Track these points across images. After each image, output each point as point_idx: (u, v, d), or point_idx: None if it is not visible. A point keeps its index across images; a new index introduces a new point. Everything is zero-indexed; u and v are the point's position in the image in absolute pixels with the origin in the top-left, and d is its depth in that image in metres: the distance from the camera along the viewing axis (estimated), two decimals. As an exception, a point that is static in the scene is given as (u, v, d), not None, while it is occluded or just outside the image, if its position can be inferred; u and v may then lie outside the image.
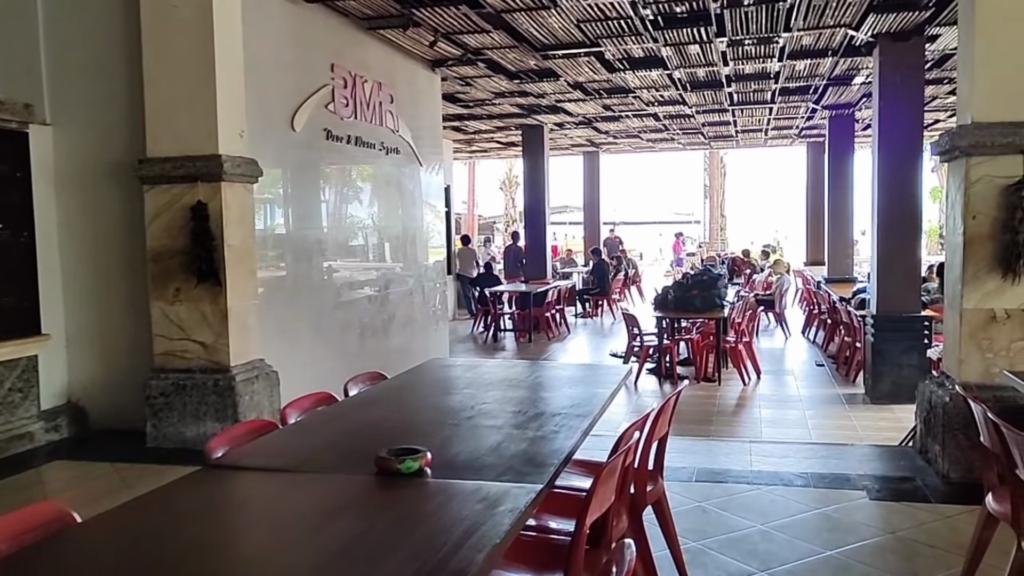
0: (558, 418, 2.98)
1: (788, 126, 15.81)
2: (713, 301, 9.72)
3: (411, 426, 3.05)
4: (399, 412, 3.30)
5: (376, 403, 3.44)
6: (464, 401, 3.38)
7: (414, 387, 3.79)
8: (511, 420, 2.97)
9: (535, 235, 14.84)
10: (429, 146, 9.32)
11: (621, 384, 3.86)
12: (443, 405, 3.45)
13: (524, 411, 3.12)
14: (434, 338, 9.41)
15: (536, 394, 3.51)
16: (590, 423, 2.93)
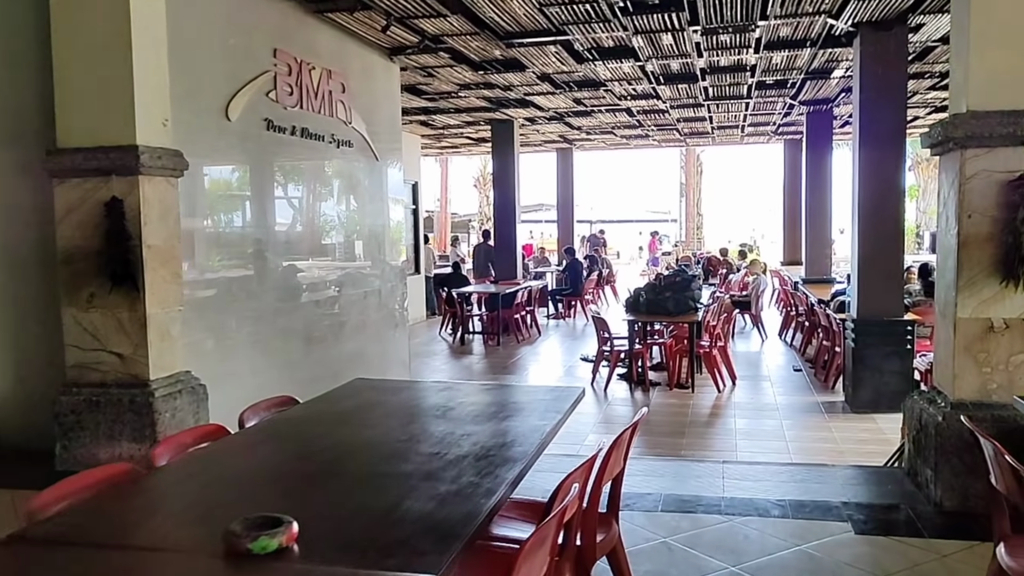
0: (484, 462, 2.47)
1: (765, 122, 15.43)
2: (686, 303, 9.27)
3: (295, 476, 2.50)
4: (286, 455, 2.76)
5: (264, 442, 2.90)
6: (374, 437, 2.86)
7: (320, 418, 3.25)
8: (424, 465, 2.45)
9: (505, 234, 14.34)
10: (387, 140, 8.78)
11: (571, 410, 3.35)
12: (346, 444, 2.89)
13: (443, 452, 2.60)
14: (392, 343, 8.87)
15: (464, 427, 2.99)
16: (524, 467, 2.43)
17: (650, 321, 9.44)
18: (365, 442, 2.80)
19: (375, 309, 8.50)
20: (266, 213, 6.68)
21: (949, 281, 4.17)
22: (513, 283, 13.86)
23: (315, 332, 7.27)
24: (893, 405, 7.66)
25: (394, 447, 2.67)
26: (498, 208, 14.38)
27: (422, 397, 3.61)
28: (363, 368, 8.11)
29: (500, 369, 10.75)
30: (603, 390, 8.97)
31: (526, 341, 12.92)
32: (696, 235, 30.01)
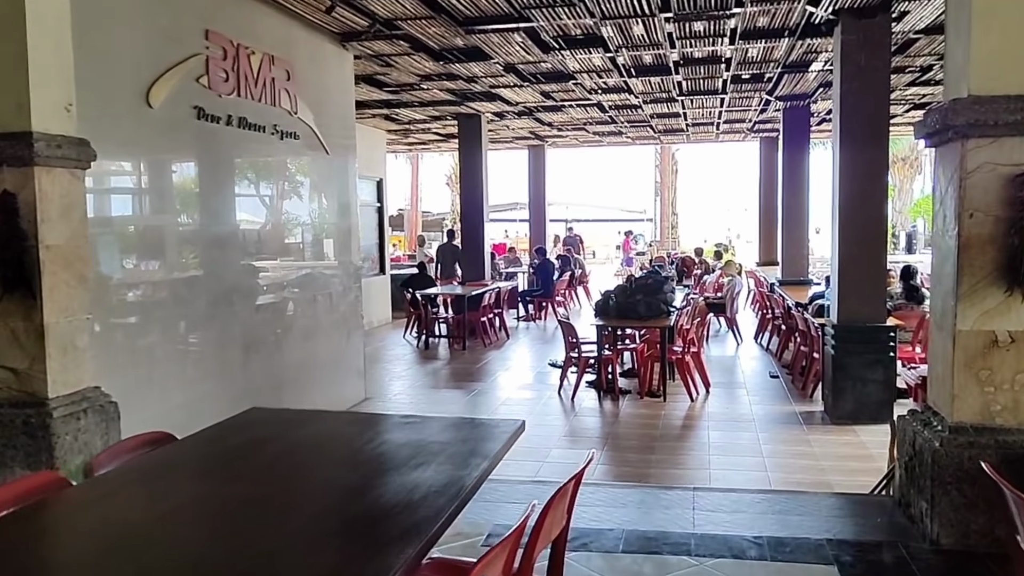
0: (368, 540, 1.90)
1: (741, 119, 15.01)
2: (658, 307, 8.79)
3: (90, 568, 1.91)
4: (97, 533, 2.15)
5: (89, 505, 2.30)
6: (234, 495, 2.27)
7: (179, 465, 2.66)
8: (285, 545, 1.88)
9: (472, 234, 13.80)
10: (340, 133, 8.21)
11: (506, 450, 2.80)
12: (189, 507, 2.27)
13: (321, 518, 2.03)
14: (346, 349, 8.30)
15: (362, 477, 2.38)
16: (423, 545, 1.86)
17: (620, 326, 8.95)
18: (220, 503, 2.21)
19: (326, 313, 7.93)
20: (197, 209, 6.09)
21: (947, 289, 3.70)
22: (481, 284, 13.33)
23: (256, 339, 6.69)
24: (875, 416, 7.24)
25: (253, 511, 2.09)
26: (465, 206, 13.84)
27: (324, 434, 3.05)
28: (312, 377, 7.55)
29: (464, 376, 10.21)
30: (570, 399, 8.47)
31: (493, 345, 12.39)
32: (671, 235, 29.63)
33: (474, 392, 9.08)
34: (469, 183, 13.70)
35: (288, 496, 2.20)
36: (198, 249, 6.05)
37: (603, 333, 8.57)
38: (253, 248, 6.84)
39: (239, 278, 6.50)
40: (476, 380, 9.83)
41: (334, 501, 2.18)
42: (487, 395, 8.91)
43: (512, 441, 2.83)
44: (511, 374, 10.17)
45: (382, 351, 12.09)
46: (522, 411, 8.05)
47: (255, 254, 6.85)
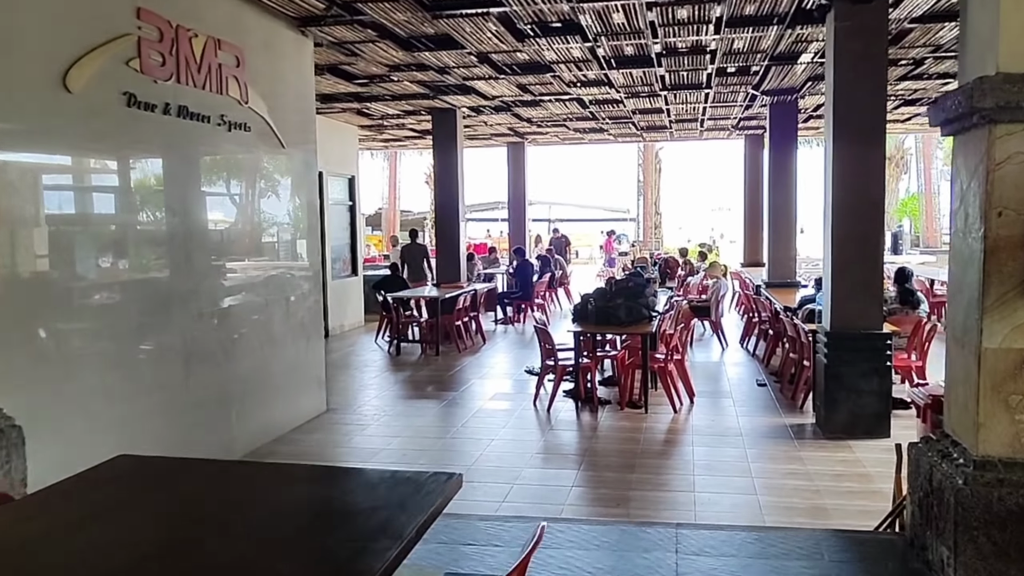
0: None
1: (726, 116, 14.54)
2: (640, 312, 8.28)
3: None
4: None
5: None
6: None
7: None
8: None
9: (448, 234, 13.24)
10: (298, 126, 7.63)
11: (429, 522, 2.20)
12: None
13: None
14: (305, 358, 7.73)
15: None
16: None
17: (599, 332, 8.43)
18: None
19: (283, 319, 7.35)
20: (129, 206, 5.50)
21: (970, 299, 3.19)
22: (456, 286, 12.77)
23: (200, 349, 6.11)
24: (871, 430, 6.76)
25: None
26: (441, 205, 13.27)
27: (193, 492, 2.46)
28: (266, 389, 6.97)
29: (436, 383, 9.65)
30: (546, 410, 7.93)
31: (469, 350, 11.84)
32: (655, 234, 29.15)
33: (445, 402, 8.53)
34: (444, 180, 13.14)
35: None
36: (130, 250, 5.47)
37: (581, 340, 8.04)
38: (196, 249, 6.25)
39: (179, 282, 5.91)
40: (448, 388, 9.28)
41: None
42: (458, 406, 8.36)
43: (443, 505, 2.24)
44: (486, 382, 9.63)
45: (351, 357, 11.51)
46: (495, 423, 7.51)
47: (199, 256, 6.26)
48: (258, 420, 6.86)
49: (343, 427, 7.52)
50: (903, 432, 6.83)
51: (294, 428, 7.37)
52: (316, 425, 7.54)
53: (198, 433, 6.01)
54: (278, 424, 7.17)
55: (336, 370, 10.48)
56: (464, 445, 6.84)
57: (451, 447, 6.80)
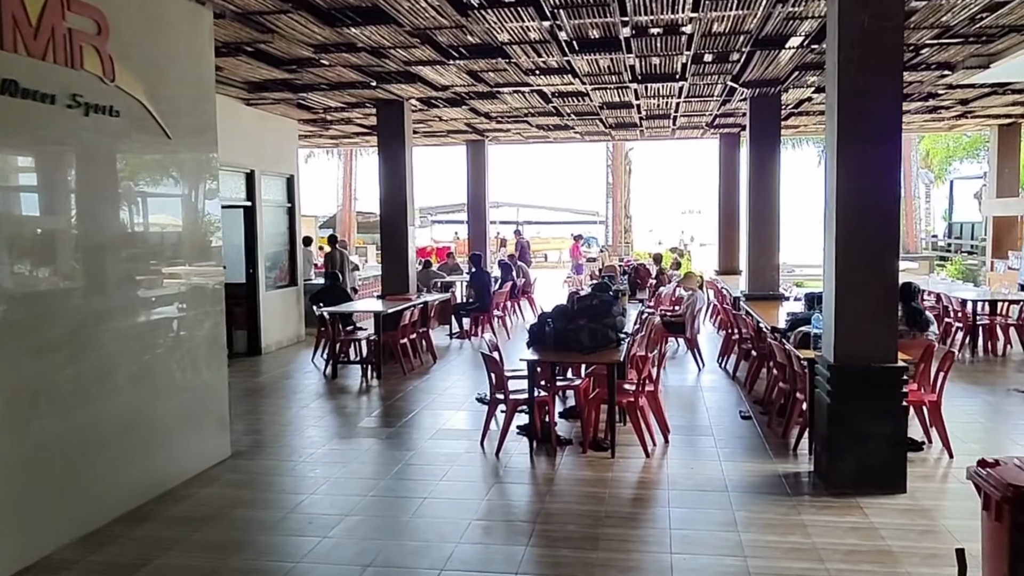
0: None
1: (701, 112, 13.39)
2: (605, 335, 7.04)
3: None
4: None
5: None
6: None
7: None
8: None
9: (395, 240, 11.91)
10: (190, 112, 6.31)
11: None
12: None
13: None
14: (199, 394, 6.37)
15: None
16: None
17: (558, 362, 7.19)
18: None
19: (167, 346, 6.00)
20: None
21: None
22: (403, 298, 11.46)
23: (48, 389, 4.76)
24: (884, 483, 5.58)
25: None
26: (386, 207, 11.94)
27: None
28: (145, 434, 5.62)
29: (372, 414, 8.35)
30: (495, 453, 6.67)
31: (416, 371, 10.54)
32: (624, 239, 28.00)
33: (379, 441, 7.23)
34: (391, 179, 11.81)
35: None
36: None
37: (535, 371, 6.77)
38: (42, 263, 4.90)
39: (13, 307, 4.55)
40: (386, 422, 7.98)
41: None
42: (395, 446, 7.06)
43: None
44: (431, 412, 8.33)
45: (280, 381, 10.15)
46: (433, 472, 6.23)
47: (45, 272, 4.90)
48: (134, 474, 5.52)
49: (247, 478, 6.19)
50: (921, 485, 5.68)
51: (185, 481, 6.03)
52: (213, 476, 6.19)
53: (42, 496, 4.67)
54: (163, 478, 5.83)
55: (258, 398, 9.13)
56: (390, 507, 5.54)
57: (373, 510, 5.49)
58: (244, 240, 11.92)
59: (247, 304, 11.99)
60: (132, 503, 5.46)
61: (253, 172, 11.87)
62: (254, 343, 12.00)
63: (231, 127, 11.38)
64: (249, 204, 11.86)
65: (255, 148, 11.94)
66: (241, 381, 10.00)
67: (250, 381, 10.09)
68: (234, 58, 8.30)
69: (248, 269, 11.93)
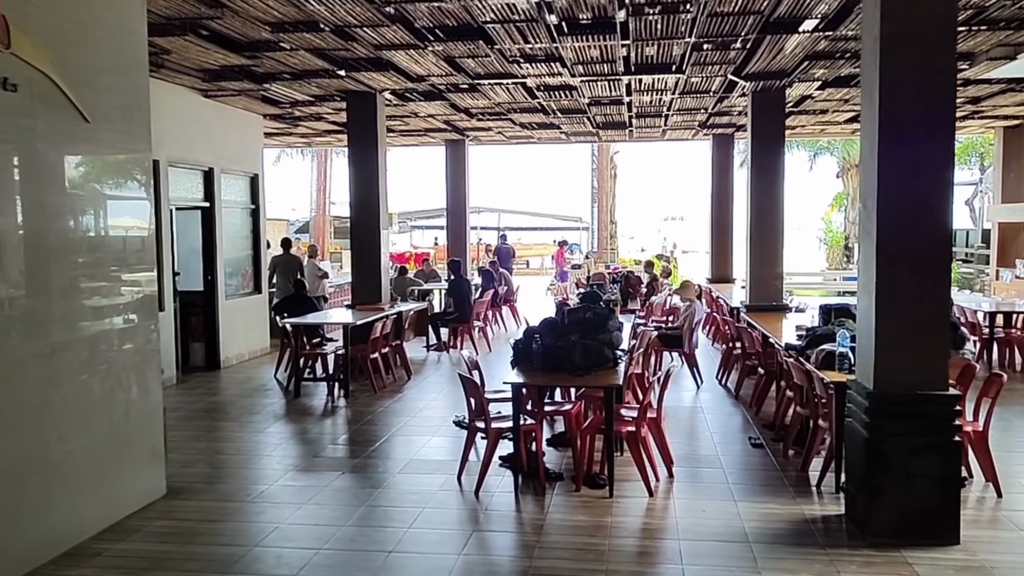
0: None
1: (696, 109, 12.56)
2: (601, 353, 6.15)
3: None
4: None
5: None
6: None
7: None
8: None
9: (366, 245, 10.95)
10: (116, 92, 5.35)
11: None
12: None
13: None
14: (127, 424, 5.40)
15: None
16: None
17: (547, 384, 6.29)
18: None
19: (83, 370, 5.04)
20: None
21: None
22: (375, 308, 10.51)
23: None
24: (934, 533, 4.72)
25: None
26: (357, 208, 10.98)
27: None
28: (36, 484, 4.64)
29: (335, 441, 7.42)
30: (474, 491, 5.75)
31: (388, 389, 9.60)
32: (610, 245, 27.15)
33: (341, 476, 6.28)
34: (362, 179, 10.86)
35: None
36: None
37: (519, 395, 5.86)
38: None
39: None
40: (350, 452, 7.04)
41: None
42: (358, 483, 6.12)
43: None
44: (404, 438, 7.41)
45: (237, 400, 9.17)
46: (401, 517, 5.30)
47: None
48: (30, 531, 4.53)
49: (177, 525, 5.22)
50: (973, 534, 4.83)
51: (109, 527, 5.07)
52: (136, 524, 5.21)
53: None
54: (82, 525, 4.87)
55: (209, 421, 8.16)
56: (348, 565, 4.60)
57: (326, 569, 4.55)
58: (202, 244, 10.95)
59: (205, 314, 11.00)
60: (36, 561, 4.49)
61: (212, 170, 10.89)
62: (212, 356, 11.01)
63: (187, 121, 10.42)
64: (207, 205, 10.88)
65: (214, 144, 10.98)
66: (192, 400, 9.02)
67: (203, 400, 9.11)
68: (182, 38, 7.35)
69: (206, 276, 10.95)
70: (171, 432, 6.65)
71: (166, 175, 9.86)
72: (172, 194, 10.10)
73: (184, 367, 10.57)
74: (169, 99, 9.89)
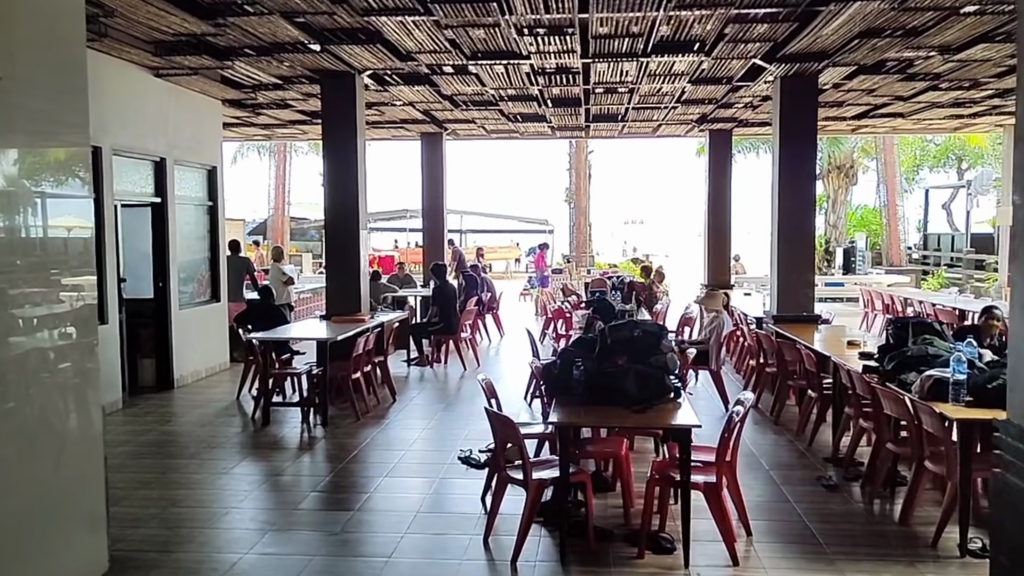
0: None
1: (704, 99, 11.44)
2: (661, 382, 4.95)
3: None
4: None
5: None
6: None
7: None
8: None
9: (343, 248, 9.57)
10: (39, 49, 3.98)
11: None
12: None
13: None
14: (55, 482, 4.04)
15: None
16: None
17: (600, 425, 5.06)
18: None
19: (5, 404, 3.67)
20: None
21: None
22: (355, 320, 9.17)
23: None
24: None
25: None
26: (332, 208, 9.60)
27: None
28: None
29: (314, 488, 6.08)
30: (511, 562, 4.49)
31: (372, 414, 8.29)
32: (588, 249, 26.00)
33: (325, 542, 4.96)
34: (337, 172, 9.50)
35: None
36: None
37: (568, 438, 4.62)
38: None
39: None
40: (334, 504, 5.72)
41: None
42: (347, 552, 4.83)
43: None
44: (399, 483, 6.11)
45: (194, 429, 7.77)
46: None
47: None
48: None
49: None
50: None
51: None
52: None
53: None
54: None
55: (161, 459, 6.77)
56: None
57: None
58: (153, 245, 9.50)
59: (156, 325, 9.55)
60: None
61: (163, 161, 9.45)
62: (164, 374, 9.55)
63: (135, 104, 8.98)
64: (158, 200, 9.43)
65: (167, 131, 9.54)
66: (141, 430, 7.60)
67: (154, 429, 7.69)
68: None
69: (157, 282, 9.50)
70: (116, 474, 5.32)
71: (110, 165, 8.41)
72: (118, 188, 8.65)
73: (131, 388, 9.10)
74: (114, 77, 8.45)
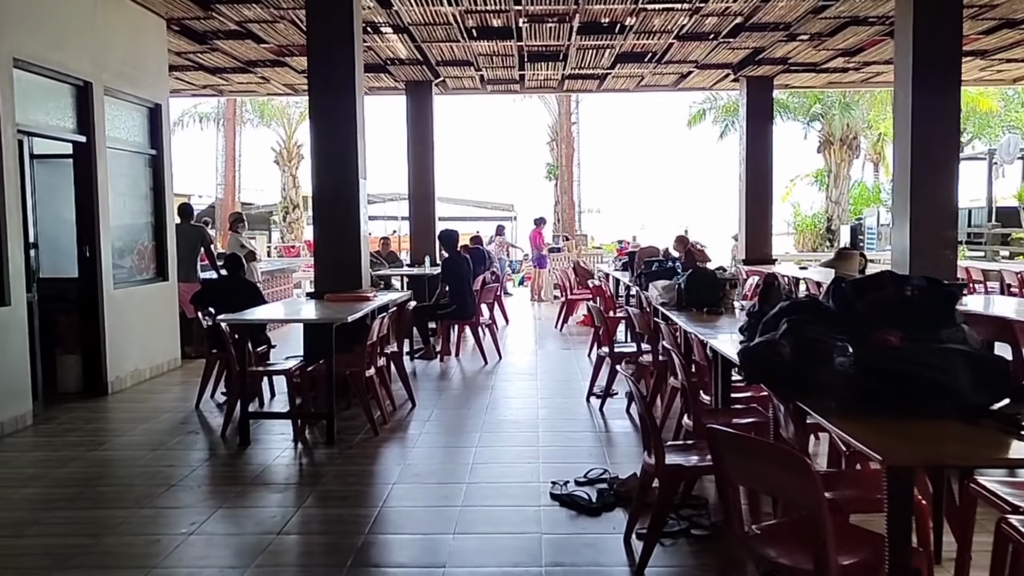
0: None
1: (777, 22, 9.33)
2: (1005, 375, 2.77)
3: None
4: None
5: None
6: None
7: None
8: None
9: (338, 210, 7.10)
10: None
11: None
12: None
13: None
14: None
15: None
16: None
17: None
18: None
19: None
20: None
21: None
22: (358, 299, 6.78)
23: None
24: None
25: None
26: (322, 159, 7.07)
27: None
28: None
29: (338, 568, 3.75)
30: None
31: (390, 427, 5.97)
32: (579, 224, 23.76)
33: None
34: (330, 114, 7.03)
35: None
36: None
37: (906, 487, 2.40)
38: None
39: None
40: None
41: None
42: None
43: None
44: (480, 546, 3.83)
45: (140, 457, 5.33)
46: None
47: None
48: None
49: None
50: None
51: None
52: None
53: None
54: None
55: (92, 511, 4.32)
56: None
57: None
58: (76, 204, 7.02)
59: (82, 311, 7.07)
60: None
61: (89, 86, 6.95)
62: (95, 376, 7.07)
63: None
64: (83, 140, 6.94)
65: (95, 45, 7.05)
66: (60, 459, 5.16)
67: (79, 459, 5.24)
68: None
69: (83, 252, 7.02)
70: (14, 543, 2.94)
71: (10, 81, 5.92)
72: (23, 116, 6.14)
73: (47, 395, 6.59)
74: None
